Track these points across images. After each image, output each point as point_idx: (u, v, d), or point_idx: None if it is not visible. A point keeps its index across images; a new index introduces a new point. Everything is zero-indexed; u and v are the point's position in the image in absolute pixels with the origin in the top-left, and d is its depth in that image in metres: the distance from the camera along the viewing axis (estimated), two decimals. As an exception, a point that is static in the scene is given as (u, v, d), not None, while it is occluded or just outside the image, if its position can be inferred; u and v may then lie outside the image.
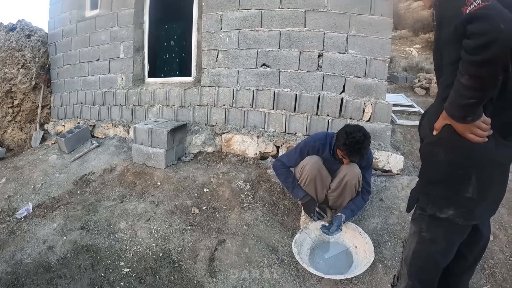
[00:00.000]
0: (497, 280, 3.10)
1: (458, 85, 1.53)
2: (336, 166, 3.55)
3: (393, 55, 11.71)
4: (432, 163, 1.86)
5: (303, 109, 4.88)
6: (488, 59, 1.38)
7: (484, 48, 1.36)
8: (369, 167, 3.66)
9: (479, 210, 1.80)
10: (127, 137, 6.27)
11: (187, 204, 4.21)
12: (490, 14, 1.37)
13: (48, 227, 3.95)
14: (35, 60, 7.61)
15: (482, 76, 1.44)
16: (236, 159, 5.03)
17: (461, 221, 1.80)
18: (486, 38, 1.35)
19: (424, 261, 2.00)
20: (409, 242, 2.06)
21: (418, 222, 1.98)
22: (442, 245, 1.92)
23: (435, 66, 1.94)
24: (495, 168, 1.78)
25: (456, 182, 1.76)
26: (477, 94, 1.50)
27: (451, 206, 1.79)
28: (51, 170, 5.57)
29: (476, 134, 1.64)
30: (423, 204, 1.90)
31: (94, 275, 3.23)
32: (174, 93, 5.76)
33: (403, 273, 2.12)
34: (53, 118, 7.98)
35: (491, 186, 1.79)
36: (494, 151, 1.71)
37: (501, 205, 3.89)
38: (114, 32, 6.39)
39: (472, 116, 1.60)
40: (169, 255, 3.47)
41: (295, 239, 3.29)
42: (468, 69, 1.45)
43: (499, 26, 1.33)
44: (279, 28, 4.89)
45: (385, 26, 4.67)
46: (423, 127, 1.98)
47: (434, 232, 1.91)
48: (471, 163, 1.71)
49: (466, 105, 1.55)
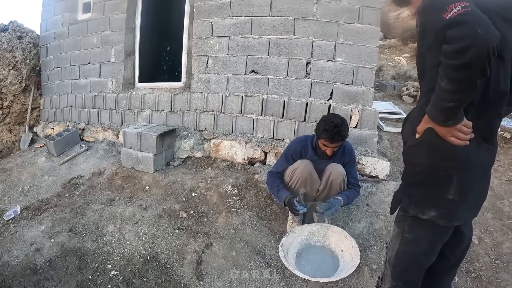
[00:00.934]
0: (483, 283, 3.18)
1: (438, 89, 1.57)
2: (322, 165, 3.62)
3: (382, 64, 11.80)
4: (414, 165, 1.88)
5: (291, 115, 4.94)
6: (466, 63, 1.42)
7: (462, 52, 1.41)
8: (353, 162, 3.76)
9: (461, 211, 1.82)
10: (116, 141, 6.27)
11: (175, 208, 4.24)
12: (468, 20, 1.42)
13: (36, 229, 3.96)
14: (26, 62, 7.59)
15: (461, 79, 1.48)
16: (224, 164, 5.06)
17: (443, 222, 1.82)
18: (463, 43, 1.40)
19: (407, 262, 2.02)
20: (392, 243, 2.07)
21: (401, 223, 2.00)
22: (425, 246, 1.94)
23: (418, 71, 1.97)
24: (476, 170, 1.81)
25: (437, 183, 1.79)
26: (457, 98, 1.53)
27: (433, 207, 1.81)
28: (40, 172, 5.57)
29: (457, 137, 1.67)
30: (405, 205, 1.93)
31: (81, 278, 3.25)
32: (164, 98, 5.78)
33: (387, 274, 2.13)
34: (43, 120, 7.96)
35: (472, 187, 1.81)
36: (475, 154, 1.74)
37: (487, 209, 4.00)
38: (105, 36, 6.41)
39: (453, 120, 1.63)
40: (157, 258, 3.49)
41: (281, 242, 3.31)
42: (447, 73, 1.49)
43: (476, 31, 1.38)
44: (269, 36, 4.95)
45: (372, 35, 4.75)
46: (406, 130, 2.01)
47: (417, 233, 1.93)
48: (452, 165, 1.74)
49: (446, 108, 1.58)
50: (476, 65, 1.42)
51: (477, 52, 1.38)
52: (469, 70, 1.43)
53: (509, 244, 3.59)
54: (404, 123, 2.09)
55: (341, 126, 3.27)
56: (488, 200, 4.18)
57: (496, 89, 1.70)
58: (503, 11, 1.68)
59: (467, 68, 1.43)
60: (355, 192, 3.65)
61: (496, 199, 4.20)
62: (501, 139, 5.90)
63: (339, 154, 3.64)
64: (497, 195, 4.27)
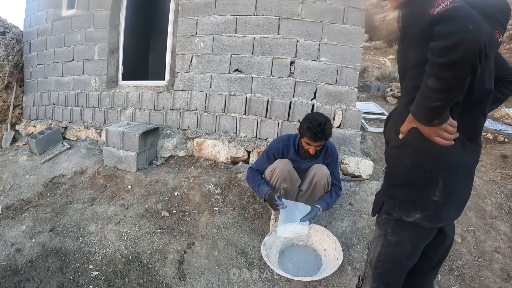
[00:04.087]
0: (466, 280, 3.23)
1: (425, 87, 1.50)
2: (304, 165, 3.63)
3: (367, 65, 11.89)
4: (398, 167, 1.82)
5: (275, 114, 4.95)
6: (455, 61, 1.34)
7: (451, 49, 1.33)
8: (336, 162, 3.75)
9: (446, 213, 1.79)
10: (99, 140, 6.23)
11: (157, 207, 4.23)
12: (457, 15, 1.35)
13: (16, 229, 3.92)
14: (8, 58, 7.49)
15: (449, 78, 1.40)
16: (207, 164, 5.05)
17: (428, 224, 1.78)
18: (453, 39, 1.33)
19: (389, 264, 1.98)
20: (374, 244, 2.03)
21: (383, 225, 1.95)
22: (408, 248, 1.91)
23: (399, 69, 1.91)
24: (462, 170, 1.76)
25: (422, 185, 1.74)
26: (444, 97, 1.47)
27: (418, 209, 1.76)
28: (21, 171, 5.51)
29: (442, 137, 1.63)
30: (389, 207, 1.87)
31: (62, 278, 3.21)
32: (147, 97, 5.76)
33: (367, 275, 2.09)
34: (25, 118, 7.87)
35: (458, 188, 1.78)
36: (460, 154, 1.70)
37: (469, 208, 4.05)
38: (89, 33, 6.36)
39: (439, 119, 1.58)
40: (139, 258, 3.47)
41: (264, 241, 3.32)
42: (435, 71, 1.41)
43: (467, 27, 1.32)
44: (253, 35, 4.96)
45: (356, 35, 4.78)
46: (389, 130, 1.96)
47: (400, 235, 1.89)
48: (438, 166, 1.70)
49: (433, 108, 1.52)
50: (466, 63, 1.35)
51: (467, 50, 1.31)
52: (459, 68, 1.37)
53: (491, 242, 3.65)
54: (386, 123, 2.04)
55: (325, 124, 3.27)
56: (471, 199, 4.23)
57: (481, 88, 1.68)
58: (487, 8, 1.65)
59: (457, 66, 1.36)
60: (336, 196, 3.65)
61: (478, 199, 4.25)
62: (483, 140, 5.98)
63: (322, 154, 3.66)
64: (480, 195, 4.32)
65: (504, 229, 3.81)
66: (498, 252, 3.51)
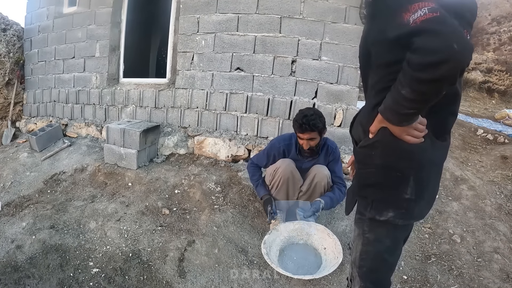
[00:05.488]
0: (465, 280, 3.23)
1: (397, 95, 1.44)
2: (305, 165, 3.65)
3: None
4: (369, 166, 1.79)
5: (276, 113, 4.95)
6: (436, 79, 1.29)
7: (432, 66, 1.27)
8: (337, 161, 3.75)
9: (418, 210, 1.78)
10: (99, 137, 6.24)
11: (157, 205, 4.23)
12: (441, 31, 1.28)
13: (17, 226, 3.92)
14: (9, 55, 7.49)
15: (426, 92, 1.36)
16: (208, 162, 5.06)
17: (401, 222, 1.77)
18: (436, 57, 1.26)
19: (372, 262, 1.96)
20: (355, 244, 2.01)
21: (359, 224, 1.94)
22: (387, 243, 1.88)
23: (361, 61, 1.86)
24: (432, 168, 1.76)
25: (394, 184, 1.72)
26: (418, 106, 1.43)
27: (390, 208, 1.75)
28: (21, 168, 5.52)
29: (412, 135, 1.60)
30: (361, 207, 1.87)
31: (63, 275, 3.21)
32: (148, 94, 5.76)
33: (354, 276, 2.07)
34: (25, 115, 7.87)
35: (429, 185, 1.77)
36: (430, 152, 1.69)
37: (469, 208, 4.09)
38: (91, 30, 6.35)
39: (410, 122, 1.56)
40: (139, 256, 3.47)
41: (264, 240, 3.32)
42: (411, 84, 1.36)
43: (452, 46, 1.24)
44: (255, 33, 4.95)
45: (358, 35, 4.69)
46: (356, 130, 1.93)
47: (377, 232, 1.87)
48: (409, 165, 1.68)
49: (405, 114, 1.48)
50: (446, 81, 1.30)
51: (451, 70, 1.26)
52: (438, 84, 1.32)
53: (491, 242, 3.65)
54: (353, 123, 2.02)
55: (311, 116, 3.28)
56: (470, 199, 4.26)
57: (451, 90, 1.64)
58: (457, 8, 1.58)
59: (436, 83, 1.31)
60: (341, 192, 3.62)
61: (478, 199, 4.26)
62: (483, 141, 6.00)
63: (323, 153, 3.67)
64: (479, 195, 4.33)
65: (504, 229, 3.82)
66: (497, 253, 3.52)
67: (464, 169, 4.96)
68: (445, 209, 4.12)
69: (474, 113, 8.46)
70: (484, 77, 10.78)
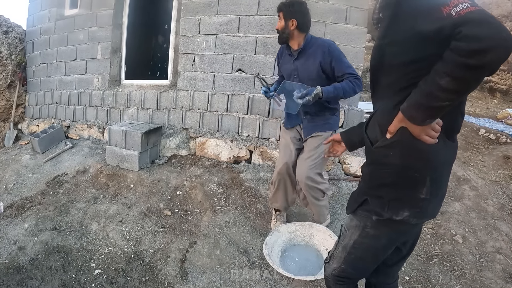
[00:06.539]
0: (467, 281, 3.23)
1: (432, 86, 1.45)
2: (295, 65, 3.43)
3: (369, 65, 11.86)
4: (385, 166, 1.80)
5: (277, 114, 4.94)
6: (483, 64, 1.32)
7: (482, 53, 1.29)
8: (337, 58, 3.23)
9: (431, 208, 1.80)
10: (101, 138, 6.25)
11: (159, 206, 4.24)
12: (490, 21, 1.32)
13: (19, 228, 3.93)
14: (11, 57, 7.50)
15: (469, 79, 1.39)
16: (209, 163, 5.07)
17: (415, 221, 1.79)
18: (486, 44, 1.29)
19: (364, 253, 1.98)
20: (350, 232, 2.01)
21: (363, 218, 1.93)
22: (385, 241, 1.92)
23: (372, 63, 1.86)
24: (445, 167, 1.80)
25: (411, 184, 1.74)
26: (455, 97, 1.45)
27: (406, 208, 1.76)
28: (24, 170, 5.53)
29: (430, 135, 1.63)
30: (377, 208, 1.84)
31: (65, 276, 3.22)
32: (150, 96, 5.77)
33: (337, 256, 2.08)
34: (28, 117, 7.89)
35: (442, 185, 1.81)
36: (444, 152, 1.72)
37: (471, 209, 4.08)
38: (92, 32, 6.37)
39: (435, 119, 1.58)
40: (141, 257, 3.49)
41: (266, 241, 3.32)
42: (455, 71, 1.37)
43: (502, 34, 1.28)
44: (256, 34, 4.96)
45: (359, 35, 4.78)
46: (372, 130, 1.92)
47: (380, 230, 1.88)
48: (426, 166, 1.70)
49: (438, 107, 1.49)
50: (491, 67, 1.33)
51: (499, 55, 1.29)
52: (483, 71, 1.35)
53: (493, 243, 3.65)
54: (368, 122, 1.99)
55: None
56: (473, 200, 4.25)
57: None
58: None
59: (482, 69, 1.34)
60: (350, 83, 3.13)
61: (480, 199, 4.25)
62: (486, 140, 5.99)
63: (318, 54, 3.30)
64: (482, 195, 4.32)
65: (506, 229, 3.81)
66: (499, 253, 3.51)
67: (466, 169, 4.96)
68: (447, 210, 4.12)
69: (476, 112, 8.46)
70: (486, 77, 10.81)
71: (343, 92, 3.10)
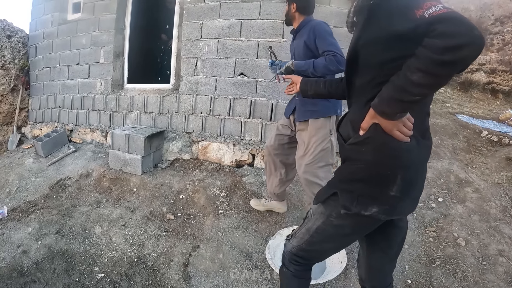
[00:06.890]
0: (469, 284, 3.22)
1: (404, 82, 1.49)
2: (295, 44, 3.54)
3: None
4: (357, 162, 1.82)
5: (280, 118, 4.93)
6: (456, 60, 1.37)
7: (456, 49, 1.35)
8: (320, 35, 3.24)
9: (401, 207, 1.81)
10: (104, 142, 6.27)
11: (162, 210, 4.25)
12: (462, 19, 1.37)
13: (23, 231, 3.95)
14: (15, 61, 7.55)
15: (442, 75, 1.44)
16: (212, 167, 5.08)
17: (383, 217, 1.80)
18: (460, 40, 1.34)
19: (325, 238, 1.99)
20: (314, 217, 2.02)
21: (329, 207, 1.94)
22: (347, 231, 1.93)
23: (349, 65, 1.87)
24: (418, 167, 1.81)
25: (381, 181, 1.75)
26: (426, 92, 1.50)
27: (375, 204, 1.77)
28: (27, 174, 5.55)
29: (402, 131, 1.65)
30: (347, 202, 1.84)
31: (68, 280, 3.24)
32: (153, 100, 5.79)
33: (299, 236, 2.09)
34: (31, 121, 7.92)
35: (414, 184, 1.81)
36: (417, 151, 1.74)
37: (473, 211, 4.07)
38: (95, 36, 6.40)
39: (405, 113, 1.62)
40: (144, 261, 3.49)
41: (268, 245, 3.34)
42: (429, 67, 1.41)
43: (475, 32, 1.35)
44: (258, 38, 4.97)
45: (360, 39, 4.78)
46: (344, 127, 1.96)
47: (345, 221, 1.88)
48: (397, 164, 1.72)
49: (409, 101, 1.53)
50: (464, 63, 1.40)
51: (472, 52, 1.36)
52: (456, 67, 1.40)
53: (496, 245, 3.64)
54: (341, 121, 2.03)
55: None
56: (475, 202, 4.24)
57: None
58: None
59: (455, 65, 1.39)
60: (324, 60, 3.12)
61: (482, 201, 4.24)
62: (488, 142, 5.98)
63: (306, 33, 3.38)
64: (484, 198, 4.31)
65: (509, 232, 3.80)
66: (502, 256, 3.50)
67: (469, 171, 4.95)
68: (449, 212, 4.11)
69: (478, 114, 8.43)
70: (488, 78, 10.71)
71: (313, 67, 3.15)
